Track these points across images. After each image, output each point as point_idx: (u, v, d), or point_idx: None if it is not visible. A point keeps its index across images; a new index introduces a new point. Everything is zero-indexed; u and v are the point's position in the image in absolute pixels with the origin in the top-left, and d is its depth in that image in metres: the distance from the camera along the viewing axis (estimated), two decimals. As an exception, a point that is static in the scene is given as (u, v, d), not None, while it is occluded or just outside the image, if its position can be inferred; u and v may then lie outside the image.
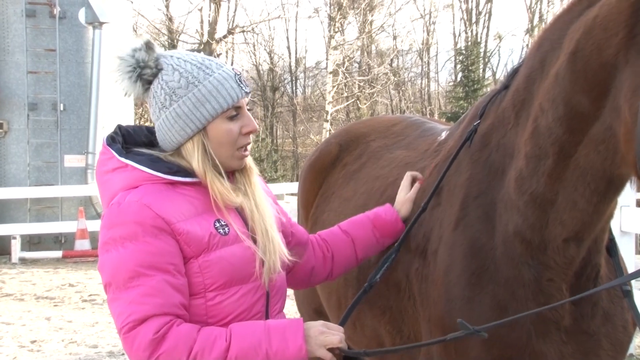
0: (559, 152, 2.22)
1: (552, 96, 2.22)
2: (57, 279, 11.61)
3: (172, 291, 2.14)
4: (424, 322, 2.61)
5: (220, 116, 2.29)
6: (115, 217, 2.20)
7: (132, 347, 2.12)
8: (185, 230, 2.20)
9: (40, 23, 14.85)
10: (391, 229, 2.82)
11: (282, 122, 35.71)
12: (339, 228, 2.87)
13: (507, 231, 2.38)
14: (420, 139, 3.32)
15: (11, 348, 7.50)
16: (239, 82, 2.31)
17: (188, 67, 2.29)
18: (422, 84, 37.57)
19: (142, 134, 2.45)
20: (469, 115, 2.80)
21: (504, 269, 2.38)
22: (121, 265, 2.15)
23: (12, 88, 14.74)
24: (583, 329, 2.39)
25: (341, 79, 29.43)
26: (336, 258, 2.80)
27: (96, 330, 8.19)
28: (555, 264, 2.33)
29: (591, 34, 2.07)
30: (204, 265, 2.22)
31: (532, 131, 2.30)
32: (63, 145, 14.88)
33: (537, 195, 2.30)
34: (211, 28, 29.47)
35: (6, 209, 14.55)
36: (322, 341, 2.23)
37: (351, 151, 3.71)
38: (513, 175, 2.38)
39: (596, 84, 2.08)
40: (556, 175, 2.24)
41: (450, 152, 2.75)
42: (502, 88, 2.58)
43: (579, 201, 2.22)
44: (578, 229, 2.26)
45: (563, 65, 2.18)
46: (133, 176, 2.26)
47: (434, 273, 2.56)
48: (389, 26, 34.73)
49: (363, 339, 3.12)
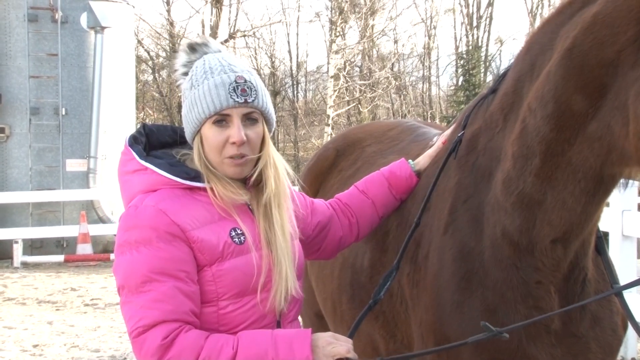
0: (546, 151, 2.22)
1: (541, 94, 2.21)
2: (59, 283, 11.63)
3: (182, 298, 2.16)
4: (415, 327, 2.63)
5: (208, 121, 2.28)
6: (132, 220, 2.23)
7: (140, 351, 2.16)
8: (200, 238, 2.22)
9: (42, 28, 14.87)
10: (406, 185, 2.87)
11: (283, 126, 35.65)
12: (356, 188, 2.91)
13: (495, 234, 2.40)
14: (412, 143, 3.35)
15: (13, 352, 7.53)
16: (233, 90, 2.27)
17: (198, 70, 2.33)
18: (423, 88, 37.51)
19: (166, 134, 2.47)
20: (458, 120, 2.83)
21: (492, 272, 2.39)
22: (134, 270, 2.18)
23: (14, 92, 14.76)
24: (572, 331, 2.41)
25: (342, 83, 29.42)
26: (361, 221, 2.84)
27: (98, 334, 8.22)
28: (544, 265, 2.35)
29: (591, 30, 2.06)
30: (217, 274, 2.24)
31: (520, 132, 2.30)
32: (65, 149, 14.89)
33: (525, 196, 2.31)
34: (212, 32, 29.47)
35: (8, 213, 14.56)
36: (329, 352, 2.22)
37: (347, 156, 3.74)
38: (500, 177, 2.39)
39: (592, 81, 2.07)
40: (544, 175, 2.25)
41: (438, 161, 2.77)
42: (490, 92, 2.59)
43: (568, 200, 2.22)
44: (566, 229, 2.27)
45: (555, 63, 2.17)
46: (152, 179, 2.29)
47: (424, 278, 2.58)
48: (390, 30, 34.70)
49: (359, 344, 3.12)
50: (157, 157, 2.34)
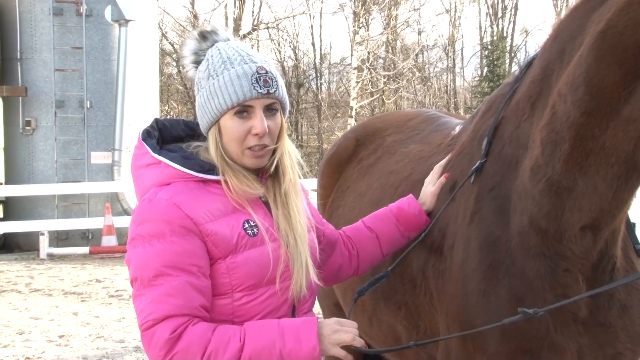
0: (576, 136, 2.19)
1: (572, 79, 2.18)
2: (85, 275, 11.73)
3: (193, 293, 2.16)
4: (441, 317, 2.61)
5: (229, 112, 2.26)
6: (145, 213, 2.22)
7: (149, 345, 2.16)
8: (214, 231, 2.21)
9: (67, 21, 14.96)
10: (415, 222, 2.79)
11: (306, 119, 35.69)
12: (363, 223, 2.84)
13: (522, 222, 2.37)
14: (434, 133, 3.32)
15: (40, 342, 7.61)
16: (256, 81, 2.26)
17: (216, 60, 2.30)
18: (447, 79, 37.36)
19: (179, 128, 2.46)
20: (482, 110, 2.79)
21: (519, 261, 2.37)
22: (147, 263, 2.17)
23: (40, 86, 14.88)
24: (599, 320, 2.38)
25: (366, 74, 29.36)
26: (361, 255, 2.78)
27: (123, 325, 8.27)
28: (572, 253, 2.31)
29: (627, 11, 2.01)
30: (231, 266, 2.23)
31: (550, 118, 2.27)
32: (90, 142, 14.99)
33: (553, 182, 2.28)
34: (236, 24, 29.51)
35: (34, 206, 14.70)
36: (335, 340, 2.22)
37: (367, 146, 3.71)
38: (528, 164, 2.36)
39: (626, 63, 2.03)
40: (574, 160, 2.21)
41: (463, 148, 2.75)
42: (515, 81, 2.56)
43: (600, 185, 2.19)
44: (596, 215, 2.24)
45: (587, 46, 2.13)
46: (165, 173, 2.28)
47: (450, 268, 2.56)
48: (413, 21, 34.58)
49: (380, 334, 3.13)
50: (170, 151, 2.33)
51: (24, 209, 14.78)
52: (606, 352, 2.40)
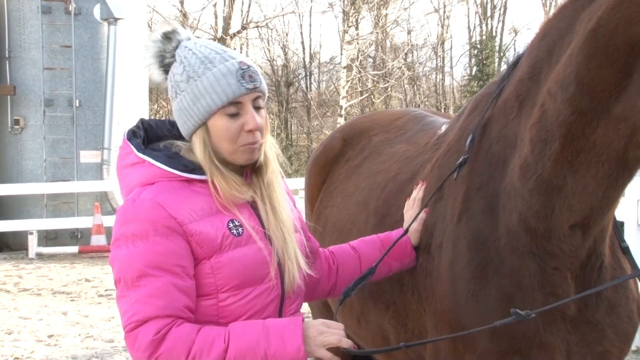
0: (566, 134, 2.19)
1: (562, 77, 2.18)
2: (74, 274, 11.67)
3: (177, 294, 2.14)
4: (429, 317, 2.61)
5: (218, 112, 2.23)
6: (129, 213, 2.20)
7: (133, 346, 2.14)
8: (198, 231, 2.19)
9: (55, 19, 14.89)
10: (400, 249, 2.70)
11: (296, 118, 35.66)
12: (348, 245, 2.79)
13: (511, 221, 2.37)
14: (420, 132, 3.31)
15: (29, 342, 7.57)
16: (242, 77, 2.24)
17: (192, 60, 2.25)
18: (436, 78, 37.43)
19: (164, 128, 2.43)
20: (468, 109, 2.79)
21: (508, 260, 2.37)
22: (130, 264, 2.15)
23: (29, 84, 14.81)
24: (588, 318, 2.39)
25: (355, 73, 29.38)
26: (341, 271, 2.70)
27: (112, 324, 8.24)
28: (561, 252, 2.32)
29: (618, 9, 2.02)
30: (216, 266, 2.21)
31: (539, 117, 2.27)
32: (79, 141, 14.93)
33: (543, 181, 2.28)
34: (225, 23, 29.51)
35: (23, 205, 14.64)
36: (320, 341, 2.19)
37: (354, 145, 3.71)
38: (517, 163, 2.36)
39: (617, 61, 2.04)
40: (564, 159, 2.21)
41: (450, 147, 2.74)
42: (502, 80, 2.56)
43: (590, 184, 2.19)
44: (586, 214, 2.25)
45: (578, 45, 2.13)
46: (150, 172, 2.26)
47: (438, 268, 2.55)
48: (403, 20, 34.65)
49: (368, 334, 3.12)
50: (154, 150, 2.31)
51: (12, 208, 14.71)
52: (594, 350, 2.41)
